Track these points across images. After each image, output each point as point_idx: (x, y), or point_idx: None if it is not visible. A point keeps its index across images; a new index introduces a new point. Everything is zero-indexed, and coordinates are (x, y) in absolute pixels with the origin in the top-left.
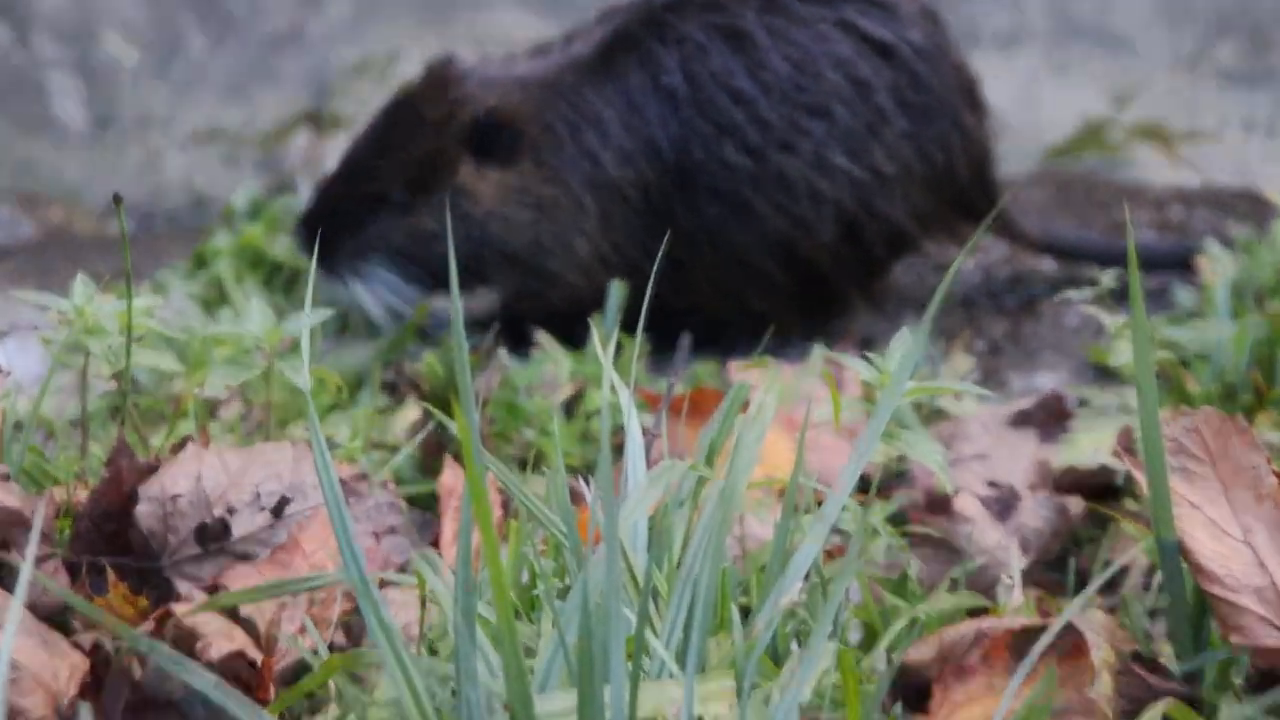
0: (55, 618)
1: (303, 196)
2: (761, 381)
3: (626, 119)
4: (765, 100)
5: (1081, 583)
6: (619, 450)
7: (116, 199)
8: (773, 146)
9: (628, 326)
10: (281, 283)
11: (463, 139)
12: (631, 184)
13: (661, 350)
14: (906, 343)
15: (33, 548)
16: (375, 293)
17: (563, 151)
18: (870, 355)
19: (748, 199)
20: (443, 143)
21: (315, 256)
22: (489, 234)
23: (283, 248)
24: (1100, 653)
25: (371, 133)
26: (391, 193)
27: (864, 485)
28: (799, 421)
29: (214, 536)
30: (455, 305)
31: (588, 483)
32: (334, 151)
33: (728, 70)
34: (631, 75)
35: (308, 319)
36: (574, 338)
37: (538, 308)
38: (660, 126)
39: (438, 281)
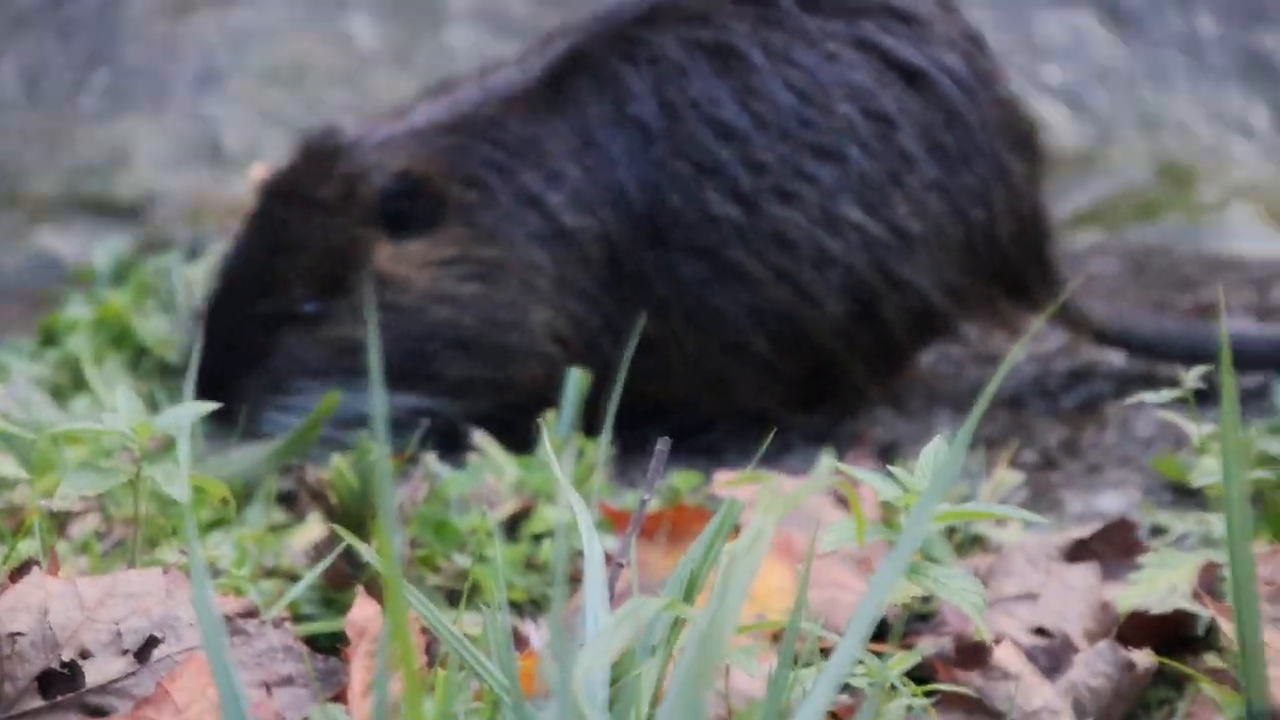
0: None
1: (182, 259)
2: (755, 498)
3: (582, 158)
4: (760, 137)
5: None
6: (575, 581)
7: None
8: (769, 195)
9: (588, 426)
10: (153, 366)
11: (370, 217)
12: (591, 238)
13: (630, 454)
14: (940, 454)
15: None
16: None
17: (498, 204)
18: (894, 469)
19: (736, 260)
20: (347, 227)
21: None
22: (432, 321)
23: (155, 325)
24: None
25: (253, 234)
26: (299, 304)
27: (881, 630)
28: (800, 548)
29: (62, 685)
30: (376, 399)
31: (535, 622)
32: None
33: (713, 97)
34: (589, 104)
35: (187, 412)
36: (519, 437)
37: (494, 398)
38: (627, 167)
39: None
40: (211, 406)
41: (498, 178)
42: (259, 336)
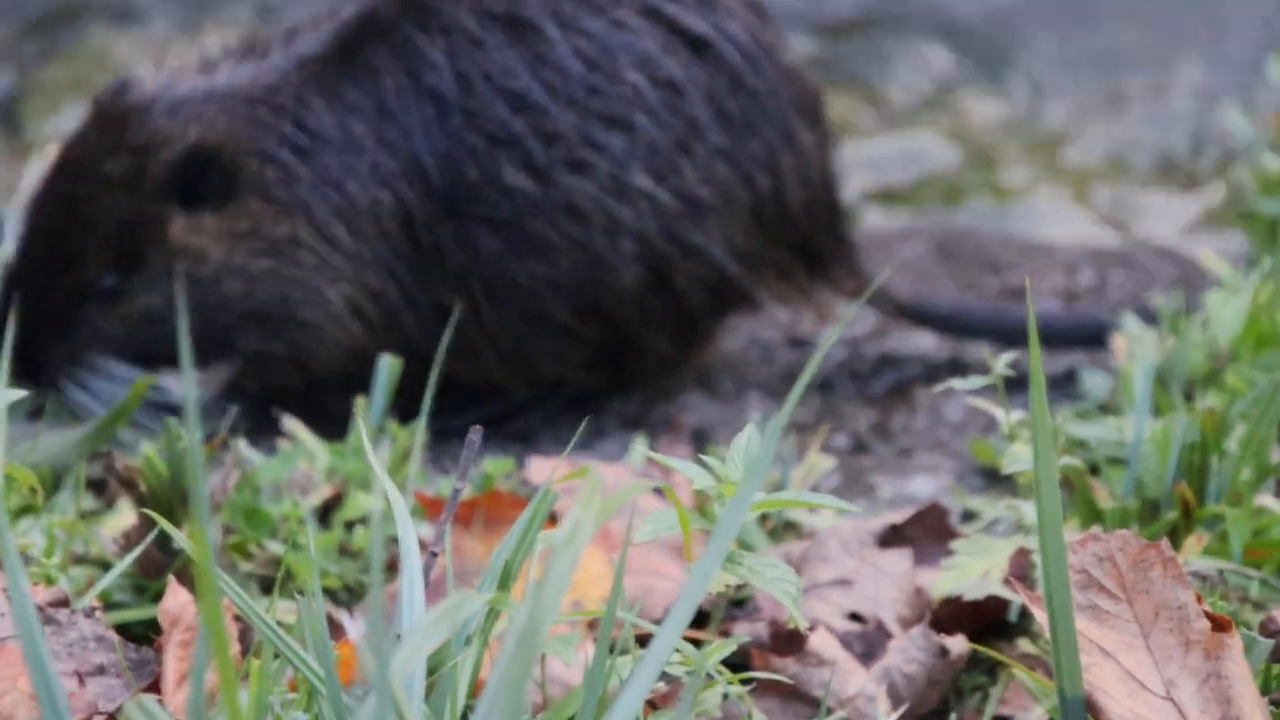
0: None
1: None
2: (571, 485)
3: (379, 128)
4: (552, 107)
5: None
6: (391, 569)
7: None
8: (561, 165)
9: (402, 409)
10: None
11: (162, 190)
12: (387, 211)
13: (442, 440)
14: (752, 442)
15: None
16: (105, 392)
17: (296, 181)
18: (707, 458)
19: (531, 231)
20: (141, 202)
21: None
22: (224, 294)
23: None
24: None
25: (49, 202)
26: (97, 278)
27: (698, 617)
28: (616, 535)
29: None
30: (188, 383)
31: (350, 611)
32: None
33: (507, 69)
34: (385, 74)
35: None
36: (325, 415)
37: (292, 374)
38: (423, 138)
39: (178, 362)
40: (18, 395)
41: (294, 155)
42: (60, 307)
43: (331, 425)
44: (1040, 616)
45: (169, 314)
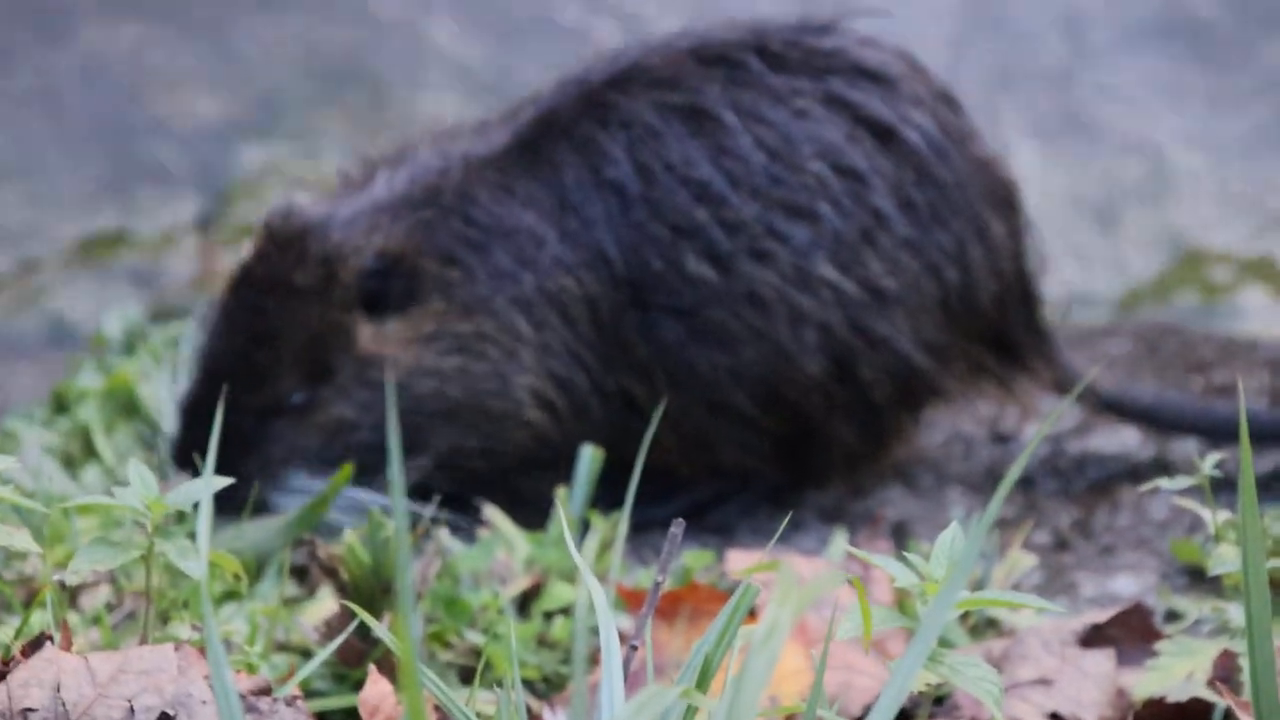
0: None
1: (188, 327)
2: (772, 581)
3: (561, 221)
4: (734, 196)
5: None
6: (589, 661)
7: None
8: (743, 254)
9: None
10: (162, 435)
11: (351, 299)
12: (575, 299)
13: (638, 530)
14: (957, 541)
15: None
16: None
17: (475, 276)
18: (910, 556)
19: (714, 320)
20: (329, 313)
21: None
22: (417, 395)
23: (165, 395)
24: None
25: (231, 324)
26: (288, 394)
27: (897, 715)
28: (814, 629)
29: None
30: (396, 476)
31: (549, 703)
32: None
33: (687, 159)
34: (566, 168)
35: (200, 489)
36: (521, 504)
37: (483, 466)
38: (606, 230)
39: (373, 468)
40: (225, 482)
41: (472, 255)
42: (252, 425)
43: (524, 509)
44: None
45: (361, 422)
